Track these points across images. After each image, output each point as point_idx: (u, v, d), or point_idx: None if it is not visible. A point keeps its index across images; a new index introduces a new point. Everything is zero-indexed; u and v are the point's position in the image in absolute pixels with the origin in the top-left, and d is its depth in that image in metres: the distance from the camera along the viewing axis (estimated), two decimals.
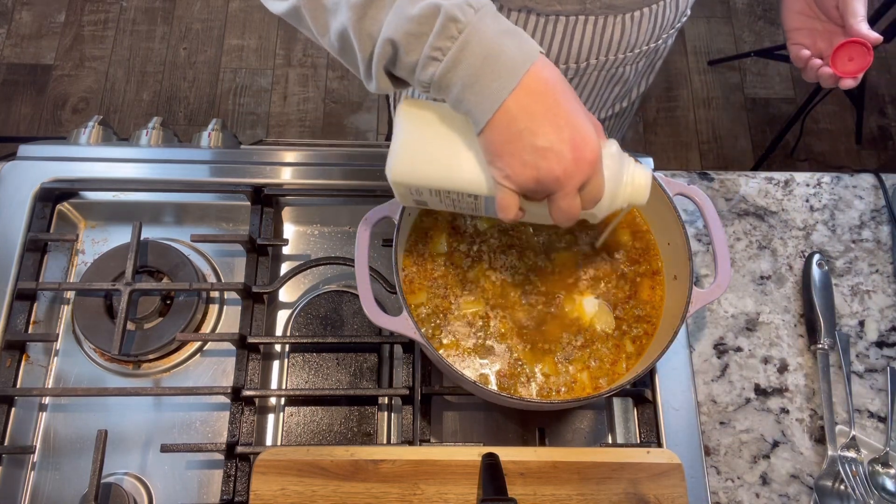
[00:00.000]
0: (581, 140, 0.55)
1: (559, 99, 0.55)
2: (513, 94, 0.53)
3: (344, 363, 0.84)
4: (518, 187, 0.57)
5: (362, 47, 0.57)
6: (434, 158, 0.61)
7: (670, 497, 0.70)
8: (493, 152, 0.56)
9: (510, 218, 0.59)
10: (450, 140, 0.60)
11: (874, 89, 2.33)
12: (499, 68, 0.53)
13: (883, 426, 0.83)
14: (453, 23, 0.52)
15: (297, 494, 0.68)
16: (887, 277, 0.92)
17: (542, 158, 0.54)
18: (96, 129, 0.97)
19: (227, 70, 2.29)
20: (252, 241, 0.85)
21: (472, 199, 0.62)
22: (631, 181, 0.63)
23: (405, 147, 0.61)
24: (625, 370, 0.74)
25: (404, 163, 0.61)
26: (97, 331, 0.81)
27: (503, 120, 0.54)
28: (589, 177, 0.56)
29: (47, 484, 0.78)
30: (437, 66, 0.54)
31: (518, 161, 0.55)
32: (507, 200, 0.58)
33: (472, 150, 0.59)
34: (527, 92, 0.54)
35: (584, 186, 0.57)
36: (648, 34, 0.83)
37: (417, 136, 0.61)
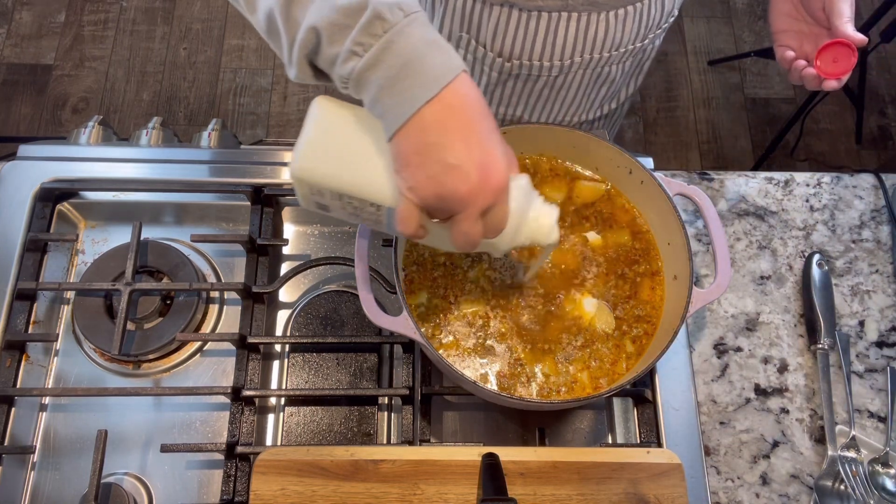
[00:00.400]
0: (491, 164, 0.54)
1: (475, 119, 0.54)
2: (430, 104, 0.52)
3: (344, 363, 0.84)
4: (421, 201, 0.55)
5: (287, 31, 0.56)
6: (341, 159, 0.58)
7: (670, 497, 0.70)
8: (401, 161, 0.55)
9: (409, 233, 0.57)
10: (360, 143, 0.58)
11: (874, 89, 2.33)
12: (419, 76, 0.52)
13: (883, 426, 0.83)
14: (379, 21, 0.52)
15: (297, 494, 0.68)
16: (887, 277, 0.92)
17: (449, 175, 0.53)
18: (96, 129, 0.97)
19: (227, 70, 2.29)
20: (252, 241, 0.85)
21: (374, 209, 0.60)
22: (536, 218, 0.62)
23: (313, 143, 0.58)
24: (625, 370, 0.74)
25: (308, 159, 0.58)
26: (97, 331, 0.81)
27: (416, 129, 0.53)
28: (493, 203, 0.55)
29: (47, 484, 0.78)
30: (357, 62, 0.53)
31: (424, 173, 0.54)
32: (409, 213, 0.56)
33: (381, 158, 0.57)
34: (444, 105, 0.53)
35: (487, 212, 0.56)
36: (634, 33, 0.83)
37: (328, 133, 0.59)
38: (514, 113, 0.92)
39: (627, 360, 0.74)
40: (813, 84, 0.77)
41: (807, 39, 0.79)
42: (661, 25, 0.86)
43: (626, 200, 0.82)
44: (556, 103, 0.91)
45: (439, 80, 0.52)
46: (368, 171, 0.58)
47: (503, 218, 0.58)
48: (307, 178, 0.59)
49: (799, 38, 0.80)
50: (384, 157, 0.57)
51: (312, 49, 0.55)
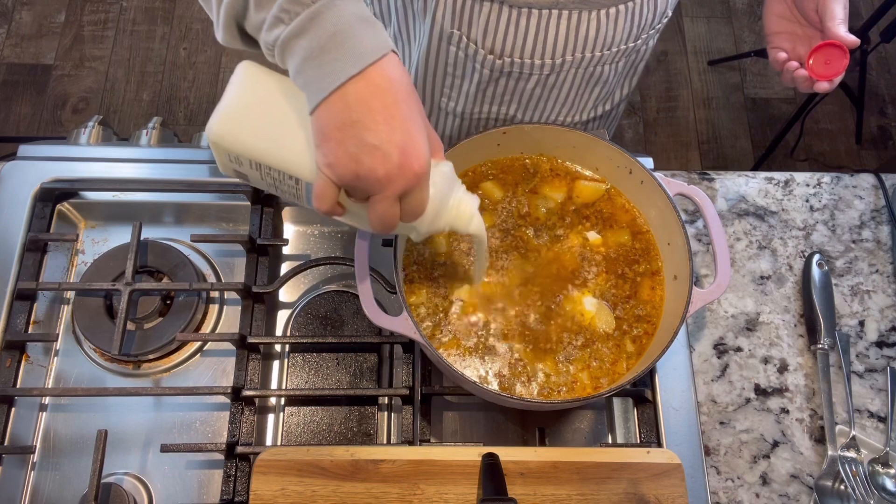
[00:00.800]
0: (412, 148, 0.54)
1: (400, 101, 0.54)
2: (354, 79, 0.52)
3: (344, 363, 0.84)
4: (338, 179, 0.55)
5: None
6: (261, 128, 0.57)
7: (670, 497, 0.70)
8: (321, 136, 0.54)
9: (324, 209, 0.57)
10: (282, 113, 0.57)
11: (874, 89, 2.33)
12: (346, 49, 0.52)
13: (883, 426, 0.83)
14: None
15: (297, 494, 0.68)
16: (887, 277, 0.92)
17: (368, 155, 0.53)
18: (96, 129, 0.97)
19: (227, 70, 2.29)
20: (252, 241, 0.85)
21: (293, 182, 0.59)
22: (457, 205, 0.62)
23: (233, 107, 0.56)
24: (625, 370, 0.74)
25: (226, 123, 0.56)
26: (97, 331, 0.81)
27: (338, 104, 0.52)
28: (411, 187, 0.55)
29: (47, 484, 0.78)
30: (283, 29, 0.52)
31: (343, 151, 0.53)
32: (325, 190, 0.56)
33: (302, 131, 0.56)
34: (369, 83, 0.52)
35: (405, 196, 0.56)
36: (626, 33, 0.83)
37: (249, 99, 0.57)
38: (507, 112, 0.92)
39: (628, 360, 0.74)
40: (805, 86, 0.77)
41: (800, 41, 0.79)
42: (655, 26, 0.86)
43: (626, 200, 0.82)
44: (548, 102, 0.91)
45: (366, 56, 0.52)
46: (288, 143, 0.57)
47: (421, 203, 0.57)
48: (223, 144, 0.57)
49: (792, 40, 0.80)
50: (305, 131, 0.56)
51: (240, 12, 0.55)
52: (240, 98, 0.57)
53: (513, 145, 0.82)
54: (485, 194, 0.81)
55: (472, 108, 0.92)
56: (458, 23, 0.80)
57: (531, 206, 0.81)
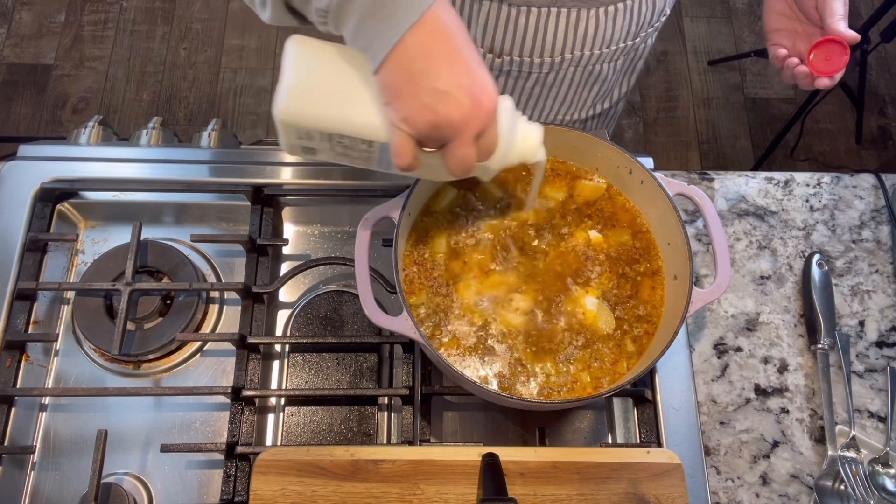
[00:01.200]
0: (480, 88, 0.54)
1: (460, 44, 0.54)
2: (412, 29, 0.52)
3: (344, 363, 0.84)
4: (415, 131, 0.55)
5: None
6: (327, 98, 0.57)
7: (670, 497, 0.70)
8: (391, 93, 0.54)
9: (404, 164, 0.57)
10: (345, 79, 0.57)
11: (874, 89, 2.33)
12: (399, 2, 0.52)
13: (883, 426, 0.83)
14: None
15: (297, 494, 0.68)
16: (887, 277, 0.92)
17: (441, 102, 0.53)
18: (96, 129, 0.97)
19: (227, 70, 2.29)
20: (252, 241, 0.85)
21: (366, 146, 0.59)
22: (523, 137, 0.63)
23: (296, 84, 0.56)
24: (625, 370, 0.74)
25: (294, 101, 0.56)
26: (97, 331, 0.81)
27: (401, 57, 0.52)
28: (485, 126, 0.56)
29: (47, 484, 0.78)
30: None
31: (416, 103, 0.53)
32: (404, 145, 0.56)
33: (367, 93, 0.56)
34: (427, 30, 0.52)
35: (480, 136, 0.56)
36: (625, 31, 0.83)
37: (309, 74, 0.57)
38: None
39: (628, 360, 0.74)
40: (805, 82, 0.77)
41: (800, 38, 0.79)
42: (653, 24, 0.86)
43: (626, 200, 0.82)
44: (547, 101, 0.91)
45: (419, 4, 0.52)
46: (357, 108, 0.57)
47: (494, 140, 0.58)
48: (294, 122, 0.57)
49: (792, 37, 0.80)
50: (370, 92, 0.56)
51: None
52: (299, 73, 0.57)
53: None
54: (485, 194, 0.81)
55: None
56: None
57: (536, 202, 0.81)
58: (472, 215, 0.79)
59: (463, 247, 0.78)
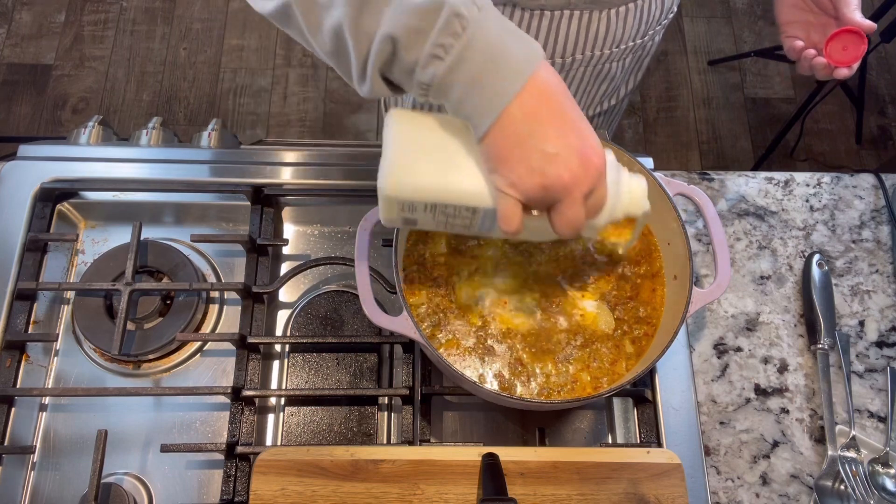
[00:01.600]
0: (588, 146, 0.54)
1: (564, 104, 0.54)
2: (518, 96, 0.52)
3: (344, 363, 0.84)
4: (523, 195, 0.55)
5: (358, 45, 0.54)
6: (431, 170, 0.57)
7: (670, 497, 0.70)
8: (497, 158, 0.54)
9: (513, 229, 0.56)
10: (446, 150, 0.57)
11: (874, 89, 2.33)
12: (504, 69, 0.51)
13: (883, 426, 0.83)
14: (457, 19, 0.50)
15: (297, 494, 0.68)
16: (887, 277, 0.92)
17: (551, 164, 0.53)
18: (96, 129, 0.97)
19: (227, 70, 2.29)
20: (252, 241, 0.85)
21: (469, 213, 0.59)
22: (629, 191, 0.62)
23: (399, 159, 0.57)
24: (625, 370, 0.74)
25: (399, 175, 0.57)
26: (97, 331, 0.81)
27: (508, 124, 0.52)
28: (595, 184, 0.55)
29: (47, 484, 0.78)
30: (440, 65, 0.51)
31: (525, 167, 0.53)
32: (511, 210, 0.56)
33: (470, 160, 0.56)
34: (532, 95, 0.52)
35: (589, 195, 0.56)
36: (634, 30, 0.83)
37: (410, 146, 0.57)
38: None
39: (627, 360, 0.74)
40: (823, 73, 0.76)
41: (814, 30, 0.78)
42: (661, 22, 0.86)
43: None
44: None
45: (523, 71, 0.52)
46: (461, 177, 0.57)
47: (604, 197, 0.58)
48: (401, 196, 0.57)
49: (806, 29, 0.79)
50: (473, 159, 0.56)
51: (387, 60, 0.54)
52: (402, 146, 0.57)
53: None
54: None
55: None
56: None
57: None
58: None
59: (463, 247, 0.78)
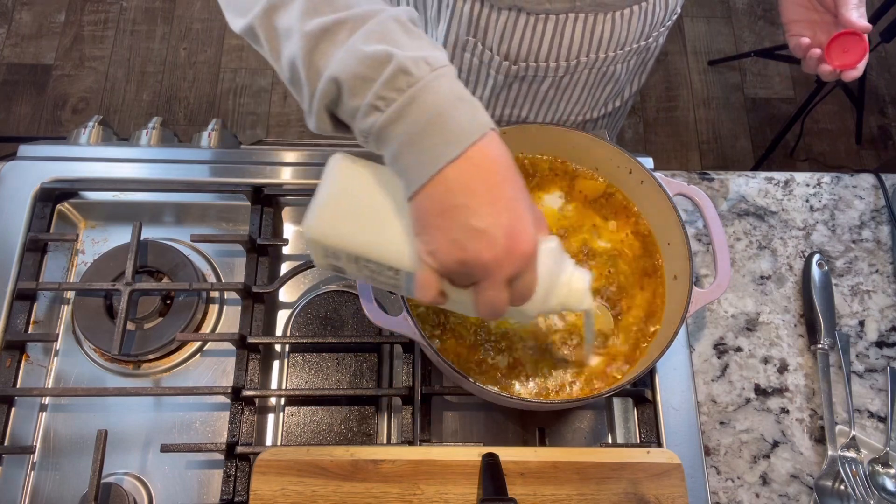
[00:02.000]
0: (519, 229, 0.50)
1: (503, 181, 0.51)
2: (455, 162, 0.49)
3: (344, 363, 0.84)
4: (441, 267, 0.52)
5: (309, 81, 0.53)
6: (358, 221, 0.55)
7: (670, 497, 0.70)
8: (422, 223, 0.51)
9: (428, 300, 0.54)
10: (379, 204, 0.55)
11: (874, 89, 2.33)
12: (444, 132, 0.49)
13: (883, 426, 0.83)
14: (404, 75, 0.49)
15: (297, 494, 0.68)
16: (887, 277, 0.92)
17: (473, 240, 0.50)
18: (96, 129, 0.97)
19: (227, 70, 2.29)
20: (252, 241, 0.85)
21: (392, 273, 0.57)
22: (568, 283, 0.59)
23: (329, 203, 0.55)
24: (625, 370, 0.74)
25: (324, 220, 0.55)
26: (97, 331, 0.81)
27: (439, 189, 0.50)
28: (521, 270, 0.52)
29: (47, 484, 0.78)
30: (379, 117, 0.50)
31: (446, 237, 0.50)
32: (428, 280, 0.53)
33: (400, 220, 0.54)
34: (470, 165, 0.49)
35: (514, 280, 0.53)
36: (639, 32, 0.83)
37: (344, 193, 0.56)
38: (520, 114, 0.92)
39: (627, 360, 0.74)
40: (830, 78, 0.76)
41: (819, 28, 0.78)
42: (665, 23, 0.86)
43: (625, 200, 0.82)
44: (561, 103, 0.91)
45: (465, 137, 0.49)
46: (387, 234, 0.55)
47: (531, 285, 0.54)
48: (322, 241, 0.56)
49: (812, 28, 0.79)
50: (403, 219, 0.54)
51: (333, 100, 0.53)
52: (333, 192, 0.56)
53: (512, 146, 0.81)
54: None
55: None
56: (473, 30, 0.80)
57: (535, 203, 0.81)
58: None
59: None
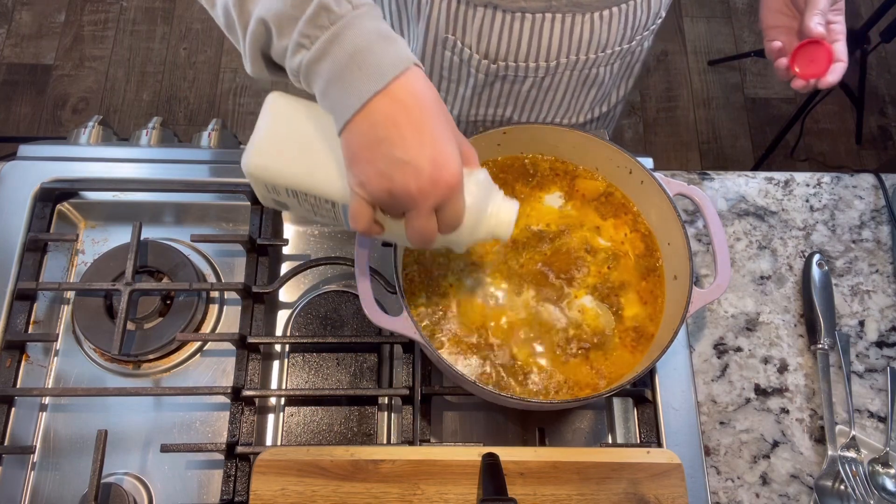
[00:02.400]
0: (442, 160, 0.53)
1: (427, 114, 0.53)
2: (378, 96, 0.51)
3: (344, 363, 0.84)
4: (371, 197, 0.54)
5: (241, 24, 0.55)
6: (293, 156, 0.58)
7: (670, 497, 0.70)
8: (351, 156, 0.54)
9: (361, 229, 0.56)
10: (313, 139, 0.57)
11: (874, 89, 2.33)
12: (367, 68, 0.51)
13: (883, 426, 0.83)
14: (325, 12, 0.51)
15: (297, 494, 0.68)
16: (887, 277, 0.92)
17: (399, 171, 0.52)
18: (96, 129, 0.97)
19: (227, 70, 2.29)
20: (252, 241, 0.85)
21: (329, 205, 0.59)
22: (496, 213, 0.60)
23: (265, 140, 0.58)
24: (624, 370, 0.74)
25: (261, 156, 0.58)
26: (97, 331, 0.81)
27: (364, 123, 0.52)
28: (445, 199, 0.54)
29: (47, 484, 0.78)
30: (305, 55, 0.53)
31: (373, 169, 0.53)
32: (360, 210, 0.55)
33: (333, 154, 0.56)
34: (393, 99, 0.52)
35: (440, 209, 0.55)
36: (620, 34, 0.82)
37: (280, 130, 0.58)
38: (504, 114, 0.92)
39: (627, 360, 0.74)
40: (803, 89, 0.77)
41: (795, 35, 0.78)
42: (649, 27, 0.86)
43: (626, 200, 0.82)
44: (544, 104, 0.91)
45: (388, 72, 0.52)
46: (321, 168, 0.57)
47: (457, 214, 0.56)
48: (260, 175, 0.58)
49: (789, 34, 0.79)
50: (336, 153, 0.56)
51: (264, 42, 0.55)
52: (271, 129, 0.58)
53: (513, 145, 0.82)
54: None
55: (468, 112, 0.92)
56: (452, 28, 0.80)
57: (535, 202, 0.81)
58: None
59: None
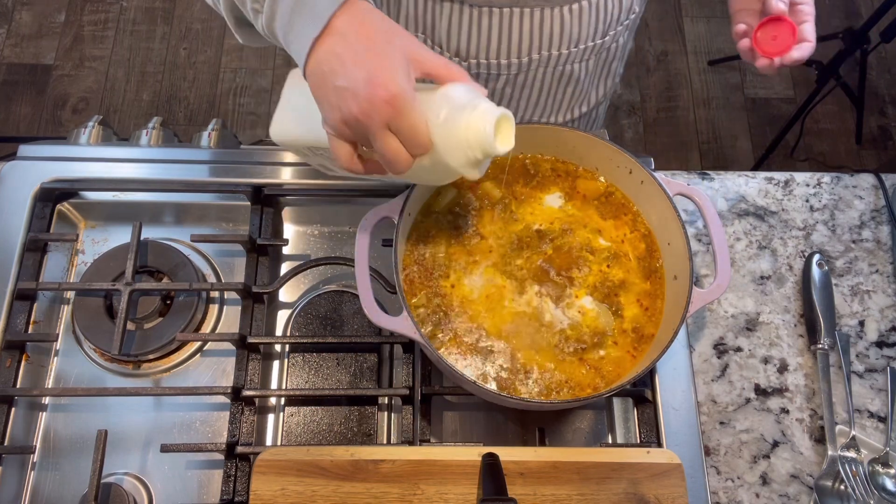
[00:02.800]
0: (376, 77, 0.52)
1: (366, 38, 0.54)
2: (320, 37, 0.54)
3: (344, 363, 0.84)
4: (334, 131, 0.57)
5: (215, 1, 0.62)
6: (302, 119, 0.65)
7: (670, 497, 0.70)
8: (316, 100, 0.57)
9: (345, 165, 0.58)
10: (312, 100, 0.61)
11: (874, 89, 2.33)
12: (306, 13, 0.54)
13: (883, 426, 0.83)
14: None
15: (297, 494, 0.68)
16: (887, 277, 0.92)
17: (341, 98, 0.54)
18: (96, 129, 0.97)
19: (227, 70, 2.29)
20: (252, 241, 0.85)
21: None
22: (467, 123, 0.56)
23: (282, 110, 0.69)
24: (625, 370, 0.74)
25: (279, 124, 0.69)
26: (97, 331, 0.81)
27: (313, 66, 0.55)
28: (391, 116, 0.54)
29: (47, 484, 0.78)
30: (261, 18, 0.57)
31: (327, 104, 0.55)
32: (335, 147, 0.58)
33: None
34: (334, 34, 0.54)
35: (394, 128, 0.54)
36: (592, 29, 0.82)
37: (294, 99, 0.68)
38: None
39: (627, 360, 0.74)
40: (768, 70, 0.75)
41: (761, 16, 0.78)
42: (622, 22, 0.85)
43: (626, 200, 0.82)
44: (520, 103, 0.91)
45: (324, 12, 0.54)
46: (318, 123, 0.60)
47: (412, 129, 0.55)
48: (282, 140, 0.70)
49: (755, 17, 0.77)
50: None
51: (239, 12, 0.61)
52: (286, 101, 0.70)
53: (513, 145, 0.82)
54: (484, 194, 0.81)
55: None
56: (421, 26, 0.80)
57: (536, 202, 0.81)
58: (472, 214, 0.79)
59: (463, 246, 0.78)
